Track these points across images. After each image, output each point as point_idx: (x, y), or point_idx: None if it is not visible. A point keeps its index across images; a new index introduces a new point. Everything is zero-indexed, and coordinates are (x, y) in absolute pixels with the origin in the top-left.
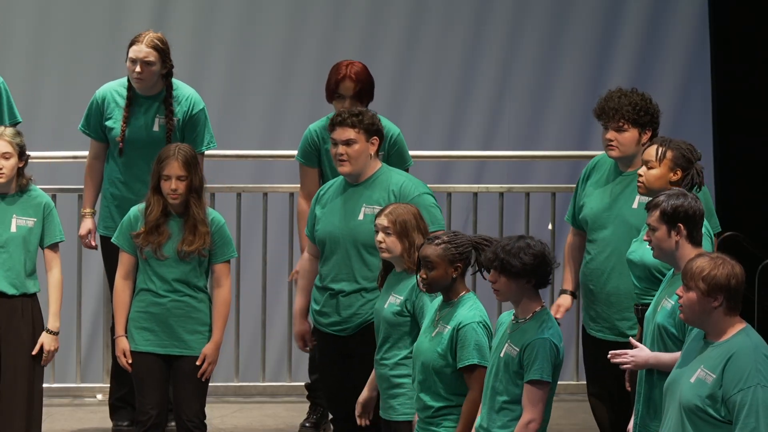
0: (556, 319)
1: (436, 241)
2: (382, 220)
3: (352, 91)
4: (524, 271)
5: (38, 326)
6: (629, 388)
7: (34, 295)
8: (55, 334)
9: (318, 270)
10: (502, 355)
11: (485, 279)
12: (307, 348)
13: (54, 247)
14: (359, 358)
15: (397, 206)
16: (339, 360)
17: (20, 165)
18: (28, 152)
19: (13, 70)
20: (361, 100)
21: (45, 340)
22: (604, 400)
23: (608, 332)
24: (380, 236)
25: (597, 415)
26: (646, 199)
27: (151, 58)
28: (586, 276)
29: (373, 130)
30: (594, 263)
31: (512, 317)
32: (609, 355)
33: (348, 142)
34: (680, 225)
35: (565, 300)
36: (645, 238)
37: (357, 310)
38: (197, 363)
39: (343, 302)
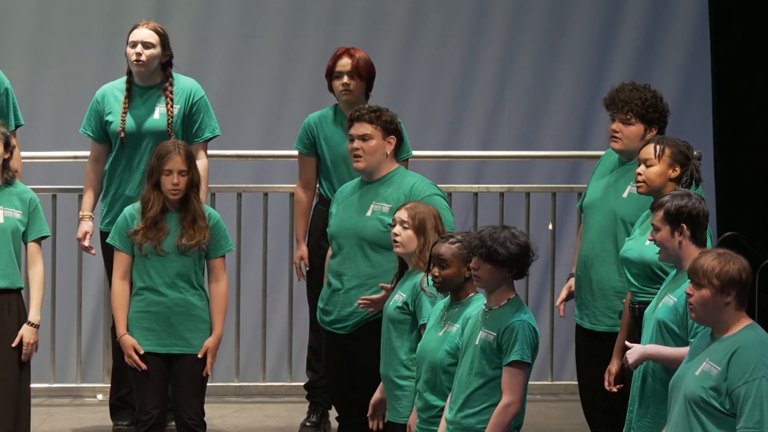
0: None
1: (451, 240)
2: (402, 214)
3: (349, 66)
4: (509, 260)
5: (23, 322)
6: (612, 388)
7: (19, 290)
8: (36, 327)
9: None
10: (477, 342)
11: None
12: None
13: (38, 242)
14: (358, 358)
15: (418, 203)
16: (341, 359)
17: (6, 156)
18: (13, 144)
19: (13, 70)
20: (360, 79)
21: (25, 333)
22: (592, 391)
23: (587, 320)
24: (397, 229)
25: (585, 406)
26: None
27: (152, 40)
28: (578, 263)
29: (390, 128)
30: (582, 250)
31: (483, 307)
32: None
33: (364, 137)
34: (683, 225)
35: (571, 281)
36: (650, 238)
37: (355, 309)
38: (199, 356)
39: (342, 299)
